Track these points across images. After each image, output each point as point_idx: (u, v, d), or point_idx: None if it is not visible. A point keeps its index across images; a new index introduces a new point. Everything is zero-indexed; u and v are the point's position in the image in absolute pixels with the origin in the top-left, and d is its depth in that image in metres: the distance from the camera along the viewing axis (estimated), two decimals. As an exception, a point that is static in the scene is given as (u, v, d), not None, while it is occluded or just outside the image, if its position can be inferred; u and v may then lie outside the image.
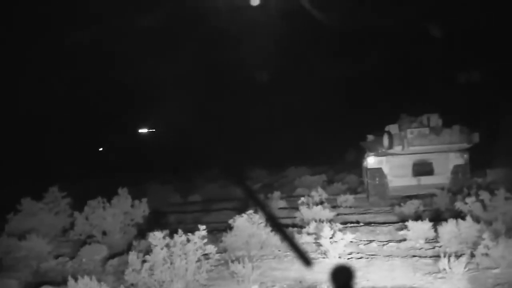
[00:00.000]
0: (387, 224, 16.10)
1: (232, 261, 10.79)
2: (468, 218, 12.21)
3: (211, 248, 10.39)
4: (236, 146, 42.47)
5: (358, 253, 12.60)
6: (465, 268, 9.96)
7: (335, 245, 11.94)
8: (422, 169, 20.45)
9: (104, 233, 14.76)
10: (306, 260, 4.80)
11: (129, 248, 12.57)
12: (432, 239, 13.03)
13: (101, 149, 58.33)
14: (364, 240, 13.92)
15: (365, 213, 18.80)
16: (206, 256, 10.41)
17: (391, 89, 45.92)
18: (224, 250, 12.74)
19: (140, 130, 55.21)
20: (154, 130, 53.60)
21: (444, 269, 10.08)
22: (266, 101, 49.26)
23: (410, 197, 18.62)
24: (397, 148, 19.93)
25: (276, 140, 45.86)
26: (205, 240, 10.31)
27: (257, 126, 49.88)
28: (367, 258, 12.09)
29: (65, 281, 9.79)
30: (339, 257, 11.93)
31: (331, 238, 12.01)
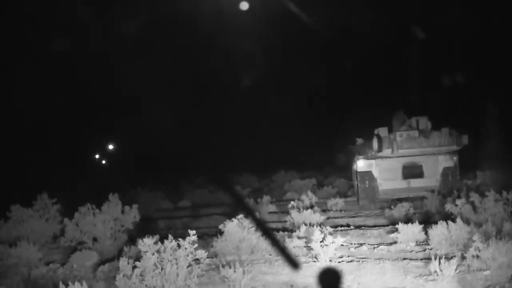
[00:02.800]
0: (377, 227, 16.11)
1: (223, 266, 10.78)
2: (458, 220, 12.24)
3: (201, 253, 10.36)
4: (225, 151, 42.52)
5: (348, 256, 12.58)
6: (455, 270, 9.96)
7: (325, 248, 11.93)
8: (411, 172, 20.52)
9: (94, 240, 14.70)
10: (295, 264, 4.80)
11: (119, 254, 12.52)
12: (422, 242, 13.04)
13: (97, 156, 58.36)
14: (354, 244, 13.91)
15: (355, 217, 18.83)
16: (196, 261, 10.38)
17: (379, 93, 46.12)
18: (215, 255, 12.73)
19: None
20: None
21: (435, 272, 10.08)
22: (253, 106, 49.37)
23: (400, 200, 18.68)
24: (387, 151, 19.99)
25: (265, 145, 45.95)
26: (196, 245, 10.28)
27: (246, 132, 49.95)
28: (358, 261, 12.08)
29: (56, 288, 9.77)
30: (330, 261, 11.92)
31: (321, 241, 11.99)
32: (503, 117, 29.11)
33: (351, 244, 13.85)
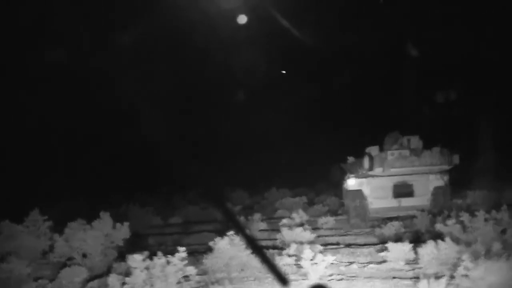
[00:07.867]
0: (367, 246, 16.13)
1: (213, 283, 10.80)
2: (448, 239, 12.25)
3: (191, 270, 10.37)
4: (216, 167, 42.42)
5: (338, 274, 12.60)
6: (445, 289, 9.99)
7: (315, 267, 11.93)
8: (402, 190, 20.51)
9: (84, 256, 14.66)
10: (284, 281, 4.79)
11: (109, 270, 12.54)
12: (412, 261, 13.04)
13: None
14: (344, 262, 13.92)
15: (345, 235, 18.84)
16: (186, 278, 10.39)
17: (370, 111, 46.25)
18: (205, 272, 12.69)
19: None
20: None
21: (424, 290, 10.10)
22: (245, 121, 49.41)
23: (390, 219, 18.66)
24: (378, 170, 19.99)
25: (257, 161, 45.91)
26: (185, 262, 10.29)
27: (238, 147, 49.93)
28: (348, 279, 12.10)
29: (44, 304, 9.75)
30: (320, 279, 11.92)
31: (311, 260, 12.00)
32: (493, 136, 29.23)
33: (341, 262, 13.86)
